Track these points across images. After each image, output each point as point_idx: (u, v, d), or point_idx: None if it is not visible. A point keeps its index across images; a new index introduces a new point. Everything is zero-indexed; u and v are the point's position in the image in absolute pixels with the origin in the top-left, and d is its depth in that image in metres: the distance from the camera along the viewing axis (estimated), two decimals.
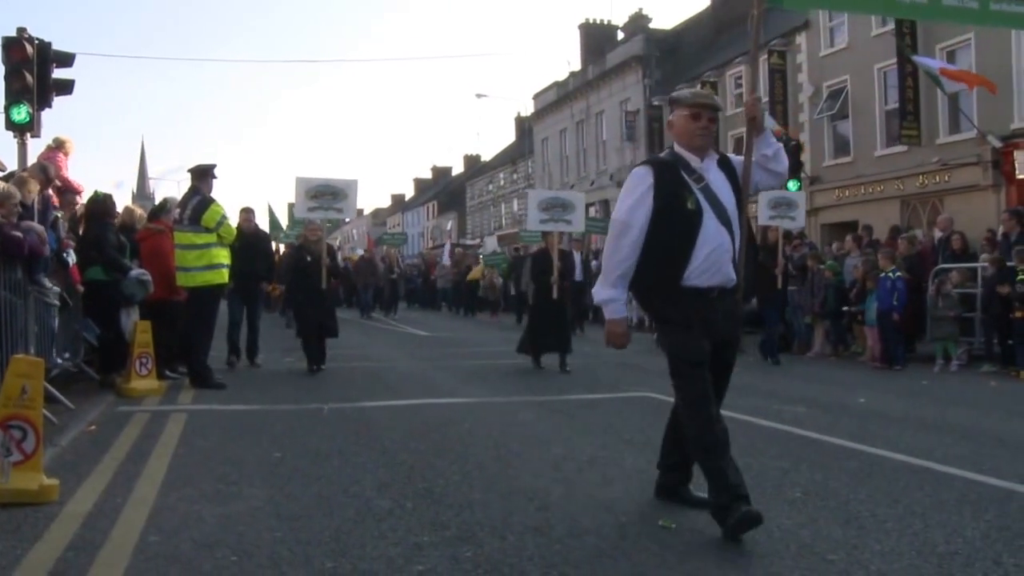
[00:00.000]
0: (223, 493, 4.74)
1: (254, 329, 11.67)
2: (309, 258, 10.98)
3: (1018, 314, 11.08)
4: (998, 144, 19.34)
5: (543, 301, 11.67)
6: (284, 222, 28.63)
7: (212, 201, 9.20)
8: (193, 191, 9.30)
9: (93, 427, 6.71)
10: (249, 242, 11.41)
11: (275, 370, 11.06)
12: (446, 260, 34.50)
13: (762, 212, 12.84)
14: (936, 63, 18.24)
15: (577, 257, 16.93)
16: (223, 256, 9.32)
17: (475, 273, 30.10)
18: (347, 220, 68.84)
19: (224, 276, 9.38)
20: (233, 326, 11.53)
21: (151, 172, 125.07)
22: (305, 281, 10.92)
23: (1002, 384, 10.25)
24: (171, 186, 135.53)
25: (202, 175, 9.37)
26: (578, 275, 16.07)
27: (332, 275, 11.30)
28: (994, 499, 4.66)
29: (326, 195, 11.43)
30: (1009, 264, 11.49)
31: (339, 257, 17.40)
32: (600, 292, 4.12)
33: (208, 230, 9.08)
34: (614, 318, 4.13)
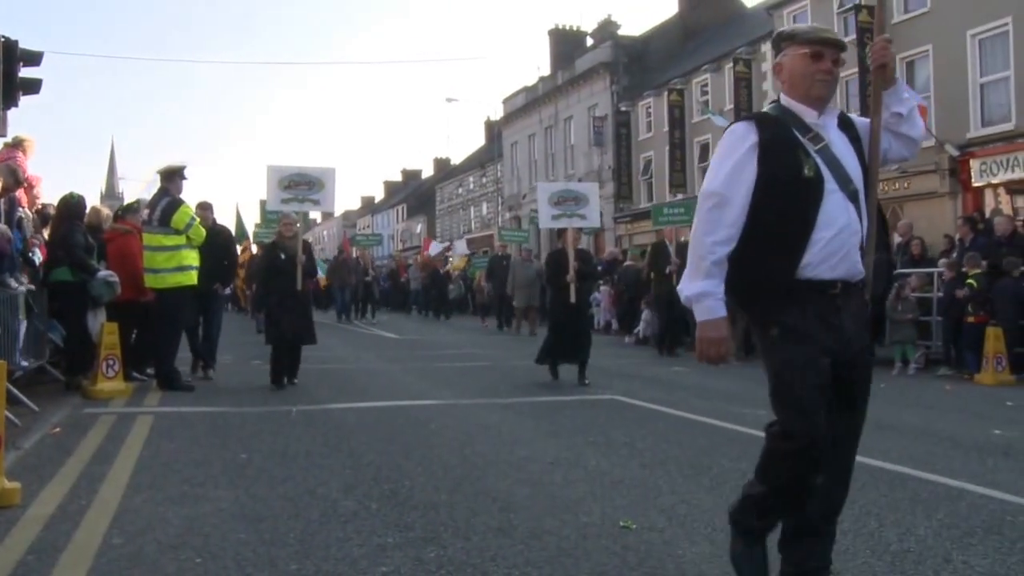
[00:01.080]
0: (188, 495, 4.75)
1: (208, 337, 10.44)
2: (283, 256, 9.70)
3: (970, 318, 11.34)
4: (955, 153, 19.77)
5: (559, 305, 10.60)
6: (252, 225, 28.07)
7: (181, 203, 9.19)
8: (162, 192, 9.26)
9: (58, 429, 6.67)
10: (209, 239, 9.97)
11: (243, 372, 11.01)
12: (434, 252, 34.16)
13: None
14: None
15: (672, 250, 15.81)
16: (192, 258, 9.29)
17: (457, 264, 30.38)
18: (332, 213, 67.25)
19: (193, 278, 9.34)
20: (190, 332, 10.24)
21: (120, 172, 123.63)
22: (279, 282, 9.69)
23: (957, 387, 10.48)
24: (141, 186, 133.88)
25: (171, 176, 9.33)
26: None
27: (308, 275, 10.06)
28: (946, 498, 4.79)
29: (301, 185, 10.53)
30: (963, 270, 11.76)
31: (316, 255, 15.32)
32: (689, 286, 3.02)
33: (177, 232, 9.06)
34: (710, 319, 2.99)
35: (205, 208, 10.62)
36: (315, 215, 74.73)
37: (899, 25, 21.71)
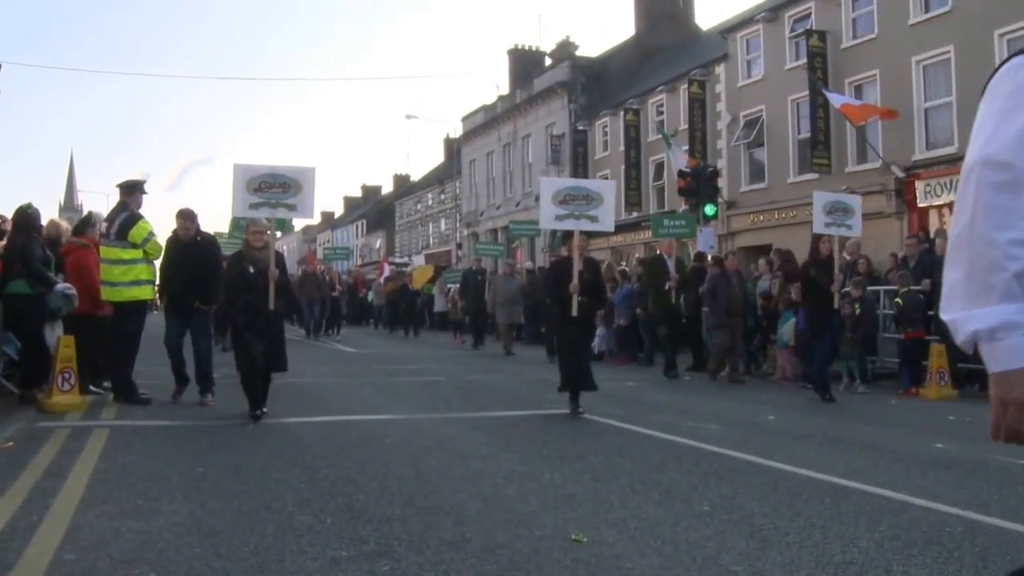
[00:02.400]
0: (143, 509, 4.73)
1: (199, 360, 9.28)
2: (251, 269, 8.14)
3: (902, 335, 11.64)
4: (901, 174, 20.29)
5: (561, 323, 9.29)
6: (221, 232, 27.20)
7: (140, 217, 9.16)
8: (121, 206, 9.24)
9: (11, 443, 6.59)
10: (190, 251, 9.26)
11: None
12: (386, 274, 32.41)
13: (817, 218, 11.12)
14: (840, 99, 19.17)
15: (670, 264, 14.35)
16: (149, 272, 9.28)
17: (417, 281, 29.43)
18: (312, 220, 63.88)
19: (150, 292, 9.32)
20: (171, 351, 9.45)
21: (80, 185, 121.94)
22: (246, 300, 8.09)
23: (901, 401, 10.73)
24: (101, 199, 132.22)
25: (130, 190, 9.31)
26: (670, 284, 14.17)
27: (281, 293, 8.47)
28: (888, 511, 4.93)
29: (274, 187, 8.82)
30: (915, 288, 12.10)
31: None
32: (974, 315, 1.74)
33: (135, 246, 9.03)
34: (1014, 368, 1.71)
35: (186, 218, 9.40)
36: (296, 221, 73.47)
37: (848, 50, 22.26)
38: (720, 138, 27.11)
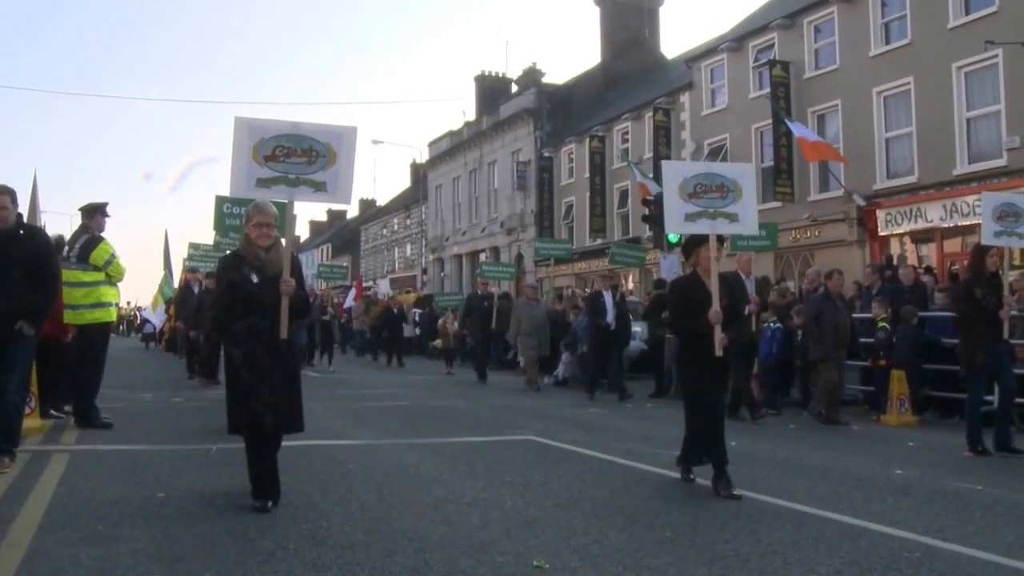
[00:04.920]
0: (103, 535, 4.65)
1: (6, 410, 6.55)
2: (256, 279, 5.42)
3: (881, 362, 11.77)
4: (862, 203, 20.67)
5: (697, 366, 6.56)
6: (179, 259, 24.04)
7: (101, 240, 9.10)
8: (83, 229, 9.18)
9: None
10: (4, 248, 6.59)
11: (163, 411, 10.77)
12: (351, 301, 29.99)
13: (986, 227, 9.01)
14: (800, 131, 19.53)
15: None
16: (112, 295, 9.19)
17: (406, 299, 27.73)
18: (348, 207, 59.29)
19: (112, 315, 9.23)
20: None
21: (42, 206, 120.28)
22: (247, 325, 5.40)
23: (863, 428, 10.83)
24: (65, 220, 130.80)
25: (92, 213, 9.25)
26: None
27: (299, 314, 5.81)
28: (848, 536, 4.97)
29: (294, 155, 5.81)
30: (867, 315, 12.24)
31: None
32: None
33: (96, 268, 8.96)
34: None
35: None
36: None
37: (810, 80, 22.68)
38: None
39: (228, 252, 6.53)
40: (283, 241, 5.75)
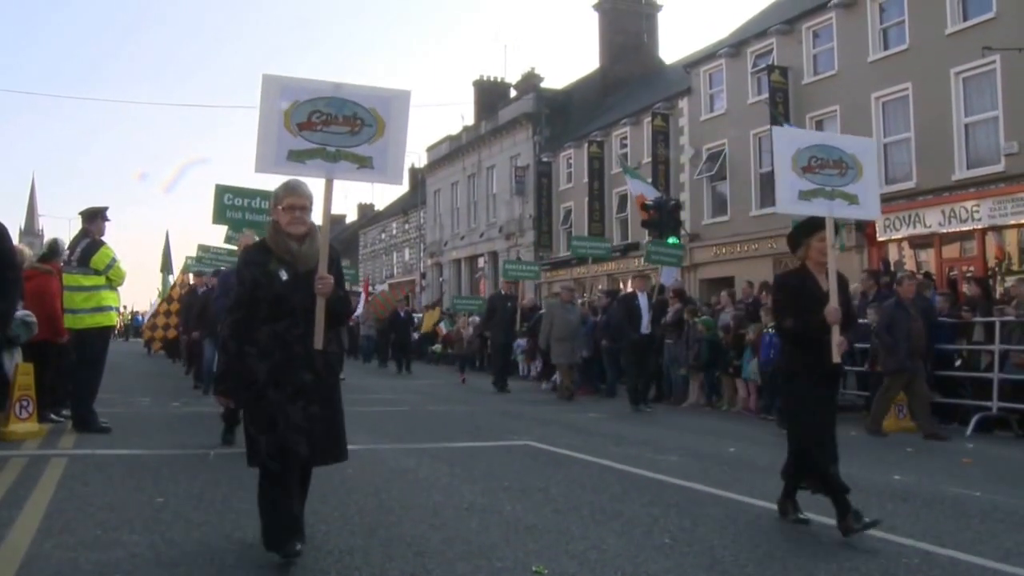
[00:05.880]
0: (102, 540, 4.64)
1: None
2: (286, 276, 4.45)
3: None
4: None
5: (806, 376, 5.50)
6: (182, 257, 23.45)
7: (102, 244, 9.12)
8: (83, 233, 9.20)
9: None
10: None
11: (161, 415, 10.76)
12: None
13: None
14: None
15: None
16: (112, 299, 9.20)
17: (426, 324, 27.40)
18: (400, 186, 52.93)
19: (112, 319, 9.24)
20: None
21: (41, 209, 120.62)
22: (273, 332, 4.41)
23: (862, 433, 10.82)
24: (63, 224, 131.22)
25: (92, 217, 9.27)
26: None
27: (337, 319, 4.69)
28: (846, 542, 4.96)
29: (335, 123, 4.82)
30: (864, 321, 12.24)
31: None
32: None
33: (97, 272, 8.97)
34: None
35: None
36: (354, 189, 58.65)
37: (809, 86, 22.71)
38: (683, 171, 27.45)
39: (253, 246, 5.16)
40: (318, 229, 4.63)
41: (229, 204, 12.53)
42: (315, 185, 4.66)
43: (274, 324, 4.38)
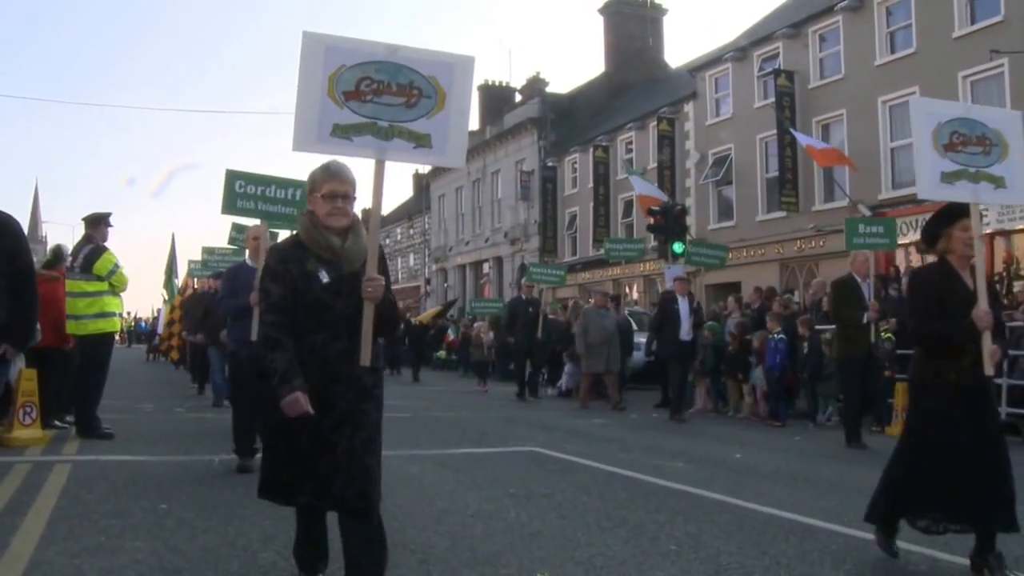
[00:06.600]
0: (105, 546, 4.62)
1: None
2: (327, 277, 3.64)
3: (886, 373, 11.70)
4: (868, 213, 20.59)
5: (937, 393, 4.56)
6: (185, 261, 21.80)
7: (105, 250, 9.12)
8: (86, 239, 9.20)
9: None
10: None
11: (165, 421, 10.74)
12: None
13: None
14: (805, 140, 19.53)
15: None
16: (115, 304, 9.20)
17: (426, 317, 28.04)
18: (458, 167, 44.70)
19: (116, 324, 9.24)
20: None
21: (44, 215, 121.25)
22: (310, 345, 3.61)
23: (868, 439, 10.75)
24: (67, 230, 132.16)
25: (95, 223, 9.28)
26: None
27: (388, 327, 3.94)
28: (853, 549, 4.93)
29: (389, 94, 3.97)
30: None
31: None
32: None
33: (100, 278, 8.96)
34: None
35: None
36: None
37: (815, 90, 22.68)
38: (689, 176, 27.44)
39: (282, 242, 4.59)
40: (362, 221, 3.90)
41: (241, 192, 11.40)
42: (358, 167, 4.14)
43: (313, 336, 3.58)
